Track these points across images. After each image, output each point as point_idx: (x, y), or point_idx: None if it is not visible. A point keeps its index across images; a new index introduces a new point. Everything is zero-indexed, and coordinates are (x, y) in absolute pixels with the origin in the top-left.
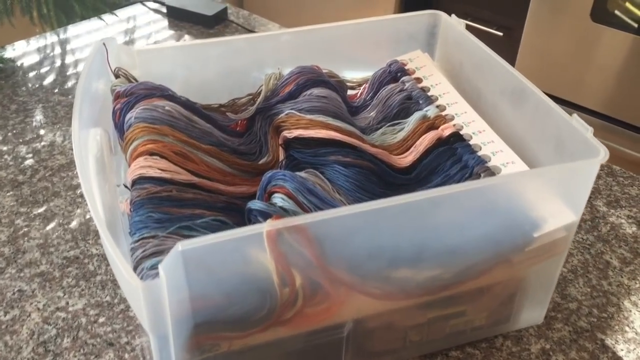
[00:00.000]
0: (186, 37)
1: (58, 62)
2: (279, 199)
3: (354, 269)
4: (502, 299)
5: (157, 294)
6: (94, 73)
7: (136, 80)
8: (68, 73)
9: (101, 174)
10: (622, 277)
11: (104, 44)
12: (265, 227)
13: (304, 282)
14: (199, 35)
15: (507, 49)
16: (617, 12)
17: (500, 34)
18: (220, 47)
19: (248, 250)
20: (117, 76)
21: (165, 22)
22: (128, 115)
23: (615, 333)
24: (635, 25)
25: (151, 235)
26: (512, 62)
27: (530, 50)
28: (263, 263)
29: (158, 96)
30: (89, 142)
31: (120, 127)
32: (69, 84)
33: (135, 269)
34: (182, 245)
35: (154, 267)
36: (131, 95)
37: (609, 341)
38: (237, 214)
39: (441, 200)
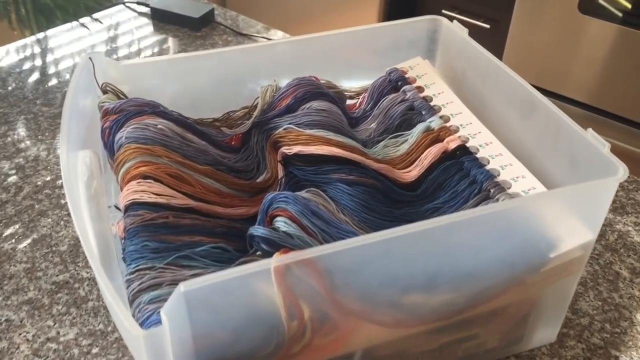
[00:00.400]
0: (170, 43)
1: (39, 70)
2: (282, 223)
3: (365, 298)
4: (515, 320)
5: (160, 341)
6: (80, 89)
7: (125, 96)
8: (50, 82)
9: (92, 202)
10: (632, 288)
11: (90, 58)
12: (272, 262)
13: (312, 314)
14: (186, 39)
15: (494, 41)
16: (603, 2)
17: (487, 26)
18: (213, 59)
19: (254, 286)
20: (104, 92)
21: (149, 26)
22: (118, 135)
23: (630, 349)
24: (621, 15)
25: (148, 267)
26: (499, 54)
27: (518, 42)
28: (270, 298)
29: (149, 113)
30: (77, 166)
31: (109, 147)
32: (52, 94)
33: (131, 302)
34: (184, 286)
35: (153, 301)
36: (120, 112)
37: (623, 358)
38: (237, 239)
39: (457, 225)
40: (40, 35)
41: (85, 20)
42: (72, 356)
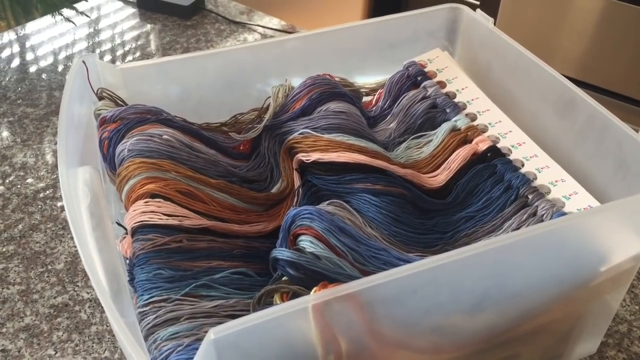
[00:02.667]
0: (159, 33)
1: (20, 68)
2: (307, 243)
3: (406, 327)
4: (558, 336)
5: None
6: (75, 97)
7: (124, 103)
8: (33, 81)
9: (98, 230)
10: None
11: (83, 61)
12: (311, 300)
13: (349, 347)
14: (175, 29)
15: None
16: None
17: (477, 2)
18: (217, 58)
19: (289, 326)
20: (100, 98)
21: (136, 16)
22: (120, 147)
23: None
24: None
25: (163, 299)
26: None
27: (508, 20)
28: (306, 335)
29: (152, 121)
30: (78, 186)
31: (110, 160)
32: (37, 93)
33: (146, 337)
34: (214, 333)
35: (171, 337)
36: (120, 121)
37: None
38: (258, 260)
39: (509, 247)
40: (19, 29)
41: (68, 13)
42: None
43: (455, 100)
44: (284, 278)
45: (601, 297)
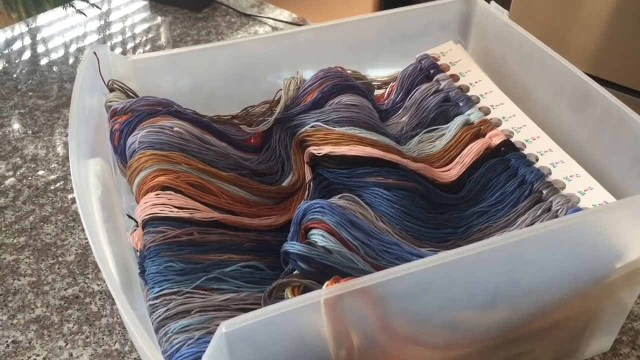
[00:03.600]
0: (169, 26)
1: (31, 60)
2: (318, 237)
3: (419, 322)
4: (572, 333)
5: None
6: (86, 89)
7: (134, 94)
8: (44, 73)
9: (109, 222)
10: None
11: (94, 53)
12: (322, 294)
13: (361, 342)
14: (186, 21)
15: None
16: None
17: None
18: (228, 50)
19: (301, 320)
20: (111, 90)
21: (147, 8)
22: (130, 139)
23: None
24: None
25: (173, 291)
26: None
27: (520, 13)
28: (317, 329)
29: (163, 113)
30: (89, 178)
31: (120, 152)
32: (48, 85)
33: (156, 330)
34: (226, 327)
35: (183, 329)
36: (131, 112)
37: None
38: (269, 253)
39: (523, 243)
40: (30, 21)
41: (80, 4)
42: None
43: (469, 93)
44: (295, 272)
45: (616, 294)
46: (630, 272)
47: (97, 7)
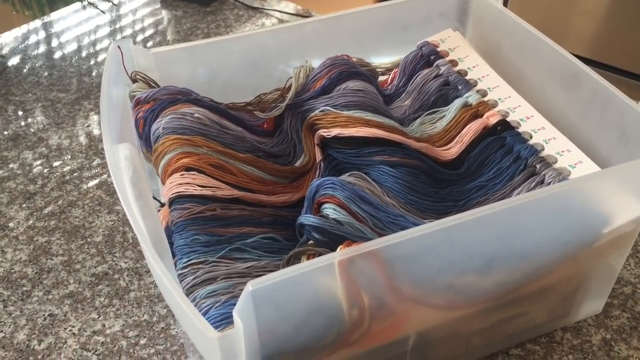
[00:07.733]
0: (179, 20)
1: (50, 55)
2: (330, 210)
3: (422, 283)
4: (564, 296)
5: (234, 341)
6: (112, 81)
7: (156, 84)
8: (64, 65)
9: (141, 199)
10: None
11: (118, 46)
12: (337, 256)
13: (371, 302)
14: (196, 15)
15: None
16: None
17: None
18: (242, 42)
19: (317, 280)
20: (134, 81)
21: (157, 3)
22: (155, 125)
23: None
24: None
25: (200, 261)
26: None
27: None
28: (332, 290)
29: (183, 101)
30: (120, 161)
31: (145, 138)
32: (68, 79)
33: (186, 296)
34: (252, 285)
35: (210, 294)
36: (154, 101)
37: None
38: (285, 227)
39: (517, 209)
40: (46, 17)
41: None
42: (121, 348)
43: (467, 77)
44: (310, 242)
45: (604, 259)
46: (617, 238)
47: (113, 2)
